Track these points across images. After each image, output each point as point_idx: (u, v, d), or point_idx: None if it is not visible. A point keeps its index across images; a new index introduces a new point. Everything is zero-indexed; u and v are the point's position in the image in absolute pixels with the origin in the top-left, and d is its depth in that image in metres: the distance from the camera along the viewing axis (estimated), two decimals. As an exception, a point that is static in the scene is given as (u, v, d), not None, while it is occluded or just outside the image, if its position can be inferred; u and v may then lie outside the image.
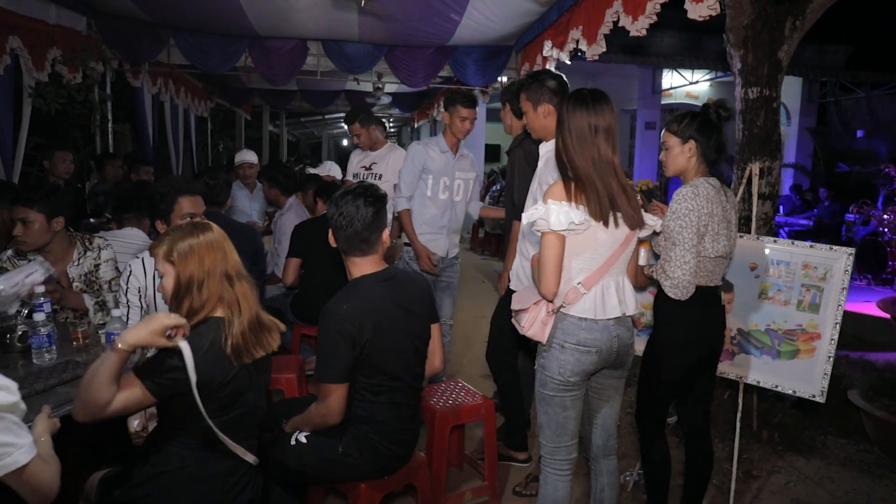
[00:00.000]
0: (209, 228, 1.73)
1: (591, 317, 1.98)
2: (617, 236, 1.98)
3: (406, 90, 8.73)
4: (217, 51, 5.45)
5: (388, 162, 4.38)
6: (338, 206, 1.96)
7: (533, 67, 5.56)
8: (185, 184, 2.61)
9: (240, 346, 1.65)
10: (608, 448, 2.22)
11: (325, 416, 1.96)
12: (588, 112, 1.97)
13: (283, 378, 2.85)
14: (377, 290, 1.98)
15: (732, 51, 3.95)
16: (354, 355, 1.89)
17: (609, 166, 1.96)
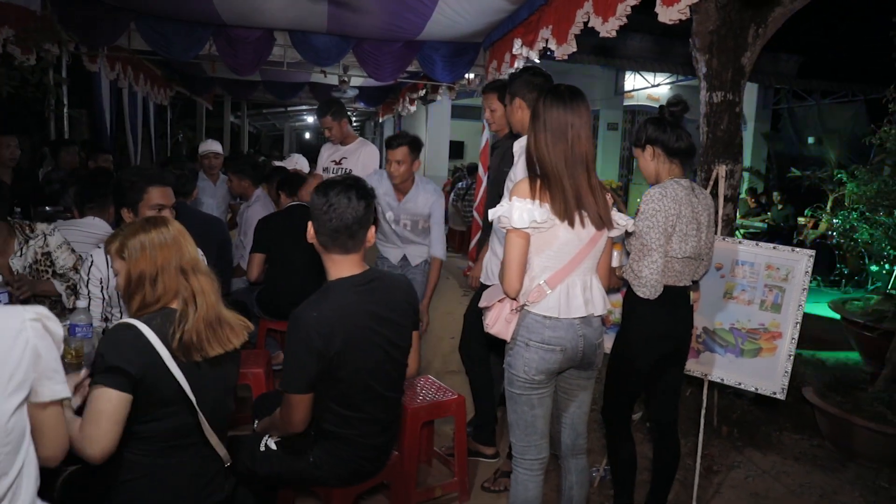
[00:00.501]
0: (164, 223, 1.70)
1: (554, 315, 1.97)
2: (582, 236, 1.96)
3: (372, 84, 8.64)
4: (180, 38, 5.28)
5: (359, 158, 4.33)
6: (326, 196, 1.82)
7: (501, 65, 5.58)
8: (156, 173, 2.54)
9: (190, 342, 1.59)
10: (577, 447, 2.23)
11: (288, 424, 1.88)
12: (565, 108, 1.95)
13: (251, 373, 2.80)
14: (353, 297, 1.86)
15: (698, 55, 4.04)
16: (321, 367, 1.79)
17: (582, 164, 1.95)
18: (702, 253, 2.42)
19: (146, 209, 2.38)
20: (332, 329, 1.78)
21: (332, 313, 1.80)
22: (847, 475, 3.16)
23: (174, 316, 1.60)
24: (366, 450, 1.96)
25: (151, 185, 2.41)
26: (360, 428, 1.93)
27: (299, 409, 1.84)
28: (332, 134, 4.25)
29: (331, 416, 1.90)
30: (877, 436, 3.20)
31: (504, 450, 3.11)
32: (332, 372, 1.81)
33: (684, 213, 2.33)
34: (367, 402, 1.92)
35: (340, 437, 1.92)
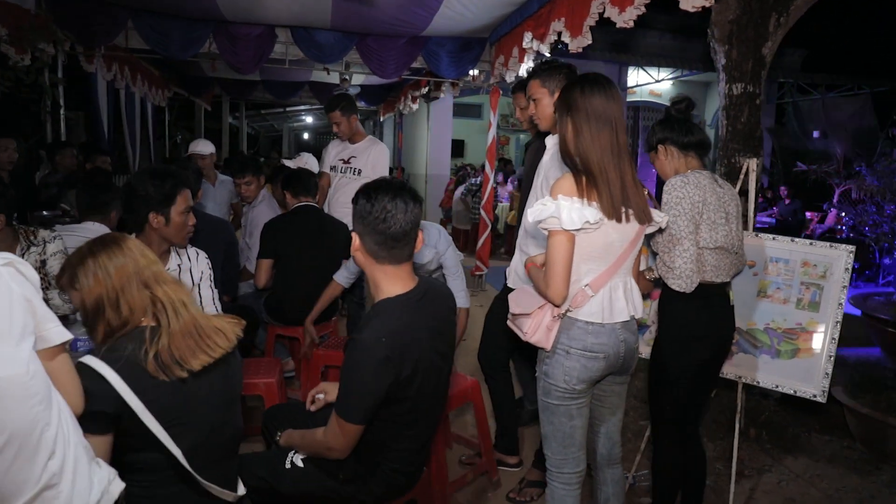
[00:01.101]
0: (114, 241, 1.55)
1: (598, 321, 1.86)
2: (627, 233, 1.87)
3: (374, 82, 8.52)
4: (179, 35, 5.15)
5: (369, 157, 4.20)
6: (375, 200, 1.64)
7: (508, 60, 5.46)
8: (183, 175, 2.41)
9: (169, 359, 1.45)
10: (613, 457, 2.12)
11: (332, 450, 1.72)
12: (606, 97, 1.84)
13: (262, 383, 2.66)
14: (415, 315, 1.70)
15: (717, 46, 3.92)
16: (388, 394, 1.64)
17: (621, 156, 1.84)
18: (734, 244, 2.31)
19: (177, 214, 2.28)
20: (403, 353, 1.63)
21: (400, 336, 1.63)
22: (883, 478, 3.04)
23: (145, 334, 1.47)
24: (404, 464, 1.83)
25: (183, 187, 2.30)
26: (408, 442, 1.80)
27: (351, 439, 1.68)
28: (341, 130, 4.12)
29: (380, 431, 1.75)
30: (912, 437, 3.09)
31: (528, 457, 2.99)
32: (397, 394, 1.66)
33: (710, 201, 2.22)
34: (420, 420, 1.79)
35: (384, 449, 1.78)
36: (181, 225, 2.29)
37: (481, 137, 16.67)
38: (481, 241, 6.79)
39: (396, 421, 1.73)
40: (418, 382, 1.70)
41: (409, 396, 1.70)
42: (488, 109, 17.44)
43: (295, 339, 3.52)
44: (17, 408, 1.14)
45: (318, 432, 1.77)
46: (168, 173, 2.31)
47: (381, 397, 1.63)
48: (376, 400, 1.63)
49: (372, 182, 1.75)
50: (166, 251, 2.40)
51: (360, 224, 1.68)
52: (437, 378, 1.81)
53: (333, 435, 1.70)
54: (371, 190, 1.68)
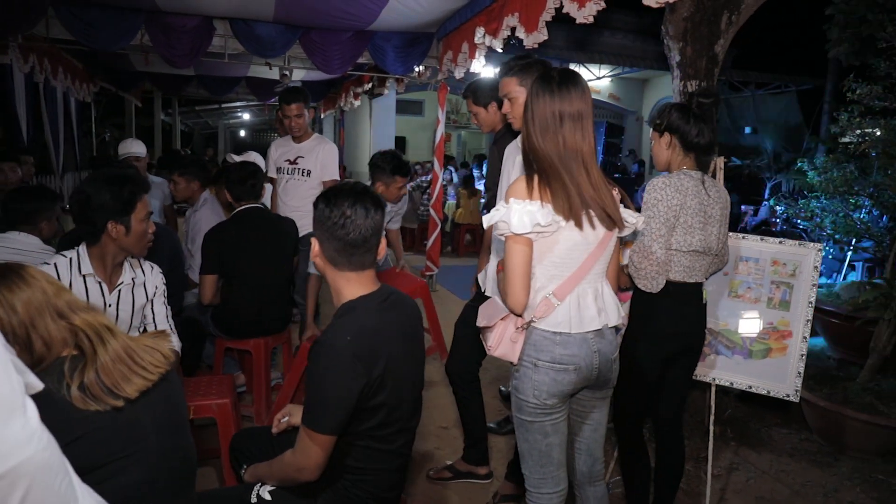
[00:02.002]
0: (12, 271, 1.37)
1: (566, 330, 1.73)
2: (590, 238, 1.74)
3: (315, 78, 8.25)
4: (108, 26, 4.76)
5: (317, 157, 3.97)
6: (339, 207, 1.56)
7: (457, 56, 5.34)
8: (142, 179, 2.21)
9: (99, 388, 1.29)
10: (594, 474, 2.00)
11: (303, 470, 1.57)
12: (552, 97, 1.72)
13: (215, 404, 2.42)
14: (382, 315, 1.62)
15: (671, 43, 3.92)
16: (360, 398, 1.52)
17: (577, 157, 1.71)
18: (711, 247, 2.28)
19: (138, 222, 2.09)
20: (373, 351, 1.54)
21: (367, 334, 1.55)
22: (843, 470, 3.09)
23: (65, 366, 1.29)
24: (382, 489, 1.69)
25: (142, 192, 2.10)
26: (386, 462, 1.66)
27: (322, 453, 1.54)
28: (297, 124, 3.88)
29: (357, 451, 1.61)
30: (868, 427, 3.16)
31: (499, 470, 2.89)
32: (369, 400, 1.55)
33: (689, 205, 2.19)
34: (399, 432, 1.66)
35: (361, 473, 1.64)
36: (142, 234, 2.13)
37: (423, 134, 16.64)
38: (431, 241, 6.66)
39: (372, 436, 1.60)
40: (391, 387, 1.58)
41: (384, 404, 1.57)
42: (429, 106, 17.40)
43: (246, 351, 3.29)
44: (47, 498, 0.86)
45: (285, 455, 1.63)
46: (126, 178, 2.10)
47: (352, 403, 1.51)
48: (348, 406, 1.51)
49: (333, 187, 1.64)
50: (119, 264, 2.21)
51: (320, 230, 1.60)
52: (412, 387, 1.70)
53: (303, 451, 1.56)
54: (331, 195, 1.59)
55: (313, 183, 3.96)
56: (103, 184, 2.04)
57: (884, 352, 3.35)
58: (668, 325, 2.25)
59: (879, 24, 4.65)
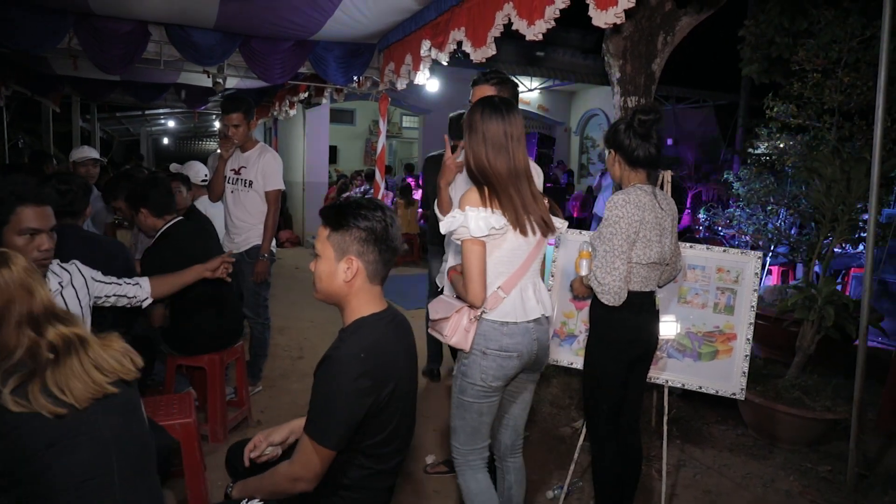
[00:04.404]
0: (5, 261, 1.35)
1: (512, 320, 2.01)
2: (531, 241, 2.04)
3: (248, 85, 8.05)
4: (33, 27, 4.48)
5: (260, 167, 3.87)
6: (374, 216, 1.61)
7: (400, 67, 5.37)
8: (30, 189, 1.99)
9: (40, 394, 1.24)
10: (515, 447, 2.29)
11: (299, 481, 1.57)
12: (503, 120, 1.99)
13: (178, 424, 2.34)
14: (390, 332, 1.65)
15: (612, 61, 4.11)
16: (368, 414, 1.54)
17: (523, 174, 2.02)
18: (666, 258, 2.42)
19: (13, 234, 1.91)
20: (384, 369, 1.57)
21: (378, 352, 1.58)
22: (777, 461, 3.33)
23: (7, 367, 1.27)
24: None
25: (23, 203, 1.91)
26: (379, 481, 1.67)
27: (322, 466, 1.56)
28: (237, 134, 3.78)
29: (353, 469, 1.62)
30: (797, 420, 3.41)
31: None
32: (375, 417, 1.57)
33: (648, 219, 2.31)
34: (397, 451, 1.69)
35: (356, 492, 1.64)
36: (21, 250, 1.87)
37: (354, 143, 16.55)
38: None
39: (371, 455, 1.62)
40: (395, 407, 1.62)
41: (389, 421, 1.61)
42: (360, 115, 17.25)
43: (199, 368, 3.19)
44: None
45: (280, 467, 1.63)
46: (9, 185, 1.95)
47: (358, 418, 1.54)
48: (354, 421, 1.54)
49: (350, 202, 1.67)
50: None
51: (367, 244, 1.62)
52: (412, 407, 1.74)
53: (303, 462, 1.57)
54: (362, 208, 1.63)
55: (256, 194, 3.87)
56: None
57: (808, 350, 3.62)
58: (627, 332, 2.37)
59: (787, 46, 5.04)
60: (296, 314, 5.92)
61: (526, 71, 10.40)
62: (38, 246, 1.94)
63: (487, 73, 2.60)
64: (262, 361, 4.01)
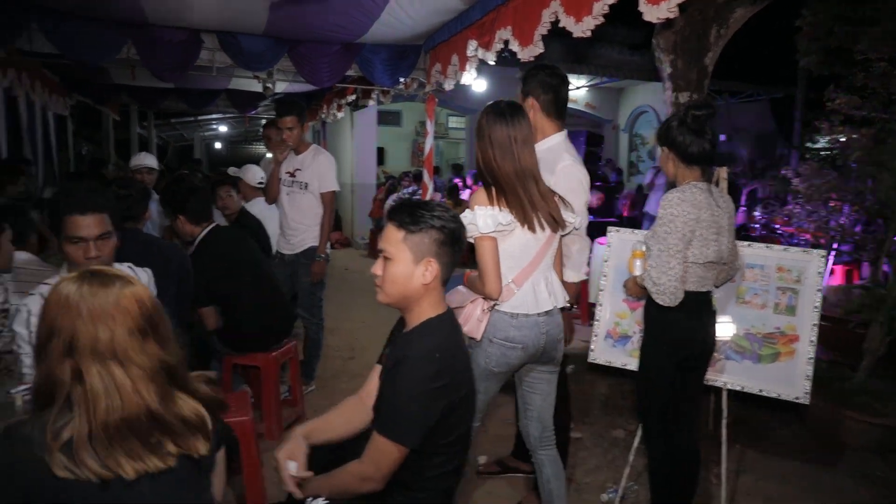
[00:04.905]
0: (102, 281, 1.20)
1: (522, 312, 2.12)
2: (540, 237, 2.13)
3: (297, 90, 8.20)
4: (94, 39, 4.66)
5: (314, 169, 3.96)
6: (451, 218, 1.64)
7: (447, 68, 5.38)
8: (77, 198, 1.99)
9: (89, 454, 1.10)
10: (545, 439, 2.33)
11: (369, 480, 1.57)
12: (507, 125, 2.11)
13: (236, 422, 2.39)
14: (455, 336, 1.68)
15: (662, 56, 4.02)
16: (442, 414, 1.55)
17: (529, 175, 2.11)
18: (723, 257, 2.34)
19: (66, 243, 1.97)
20: (456, 370, 1.60)
21: (450, 353, 1.60)
22: (844, 469, 3.18)
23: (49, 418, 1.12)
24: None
25: (69, 213, 1.95)
26: (444, 482, 1.67)
27: (393, 465, 1.56)
28: (290, 137, 3.87)
29: (421, 469, 1.62)
30: (866, 426, 3.26)
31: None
32: (446, 422, 1.57)
33: (704, 218, 2.25)
34: (461, 452, 1.69)
35: (422, 493, 1.64)
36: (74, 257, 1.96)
37: (401, 144, 16.65)
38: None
39: (444, 453, 1.63)
40: (464, 409, 1.63)
41: (458, 423, 1.62)
42: (407, 116, 17.36)
43: (254, 367, 3.26)
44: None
45: (348, 466, 1.63)
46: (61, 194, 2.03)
47: (434, 418, 1.54)
48: (430, 421, 1.54)
49: (421, 202, 1.68)
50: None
51: (444, 246, 1.63)
52: (474, 409, 1.75)
53: (374, 461, 1.57)
54: (436, 209, 1.65)
55: (311, 196, 3.94)
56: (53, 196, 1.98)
57: (877, 353, 3.45)
58: (682, 333, 2.32)
59: (848, 35, 4.81)
60: (346, 315, 5.99)
61: (573, 69, 10.24)
62: (85, 253, 1.98)
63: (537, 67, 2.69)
64: (316, 361, 4.08)
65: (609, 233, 3.07)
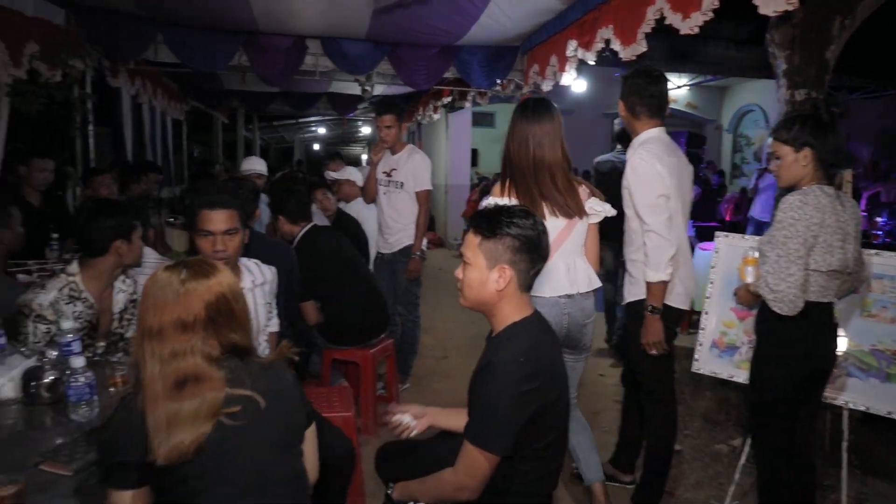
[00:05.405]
0: (182, 265, 1.37)
1: (539, 294, 2.22)
2: (556, 224, 2.25)
3: (394, 91, 8.40)
4: (210, 48, 4.99)
5: (410, 168, 4.04)
6: (526, 222, 1.62)
7: (544, 69, 5.31)
8: (208, 194, 2.14)
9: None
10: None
11: (463, 489, 1.57)
12: (528, 122, 2.30)
13: (340, 417, 2.47)
14: (544, 338, 1.65)
15: (777, 51, 3.78)
16: (531, 418, 1.53)
17: (545, 166, 2.28)
18: (848, 266, 2.18)
19: (197, 235, 2.11)
20: (545, 373, 1.56)
21: (538, 356, 1.57)
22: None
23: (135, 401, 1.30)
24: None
25: (200, 207, 2.09)
26: (543, 487, 1.66)
27: (486, 474, 1.55)
28: (389, 135, 3.98)
29: (518, 475, 1.60)
30: None
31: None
32: (539, 422, 1.55)
33: (828, 223, 2.09)
34: (557, 454, 1.67)
35: (522, 498, 1.63)
36: (203, 250, 2.10)
37: (493, 146, 16.63)
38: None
39: (538, 458, 1.61)
40: (558, 412, 1.60)
41: (553, 427, 1.59)
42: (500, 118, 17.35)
43: (352, 363, 3.36)
44: None
45: (443, 474, 1.63)
46: (194, 191, 2.24)
47: (522, 423, 1.52)
48: (518, 426, 1.52)
49: (502, 208, 1.67)
50: (235, 266, 2.25)
51: (520, 252, 1.61)
52: (568, 413, 1.71)
53: (467, 470, 1.56)
54: (514, 216, 1.62)
55: (407, 195, 4.02)
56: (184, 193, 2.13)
57: None
58: (801, 346, 2.18)
59: None
60: (439, 314, 6.05)
61: (674, 67, 9.86)
62: (212, 245, 2.11)
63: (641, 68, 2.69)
64: (412, 359, 4.16)
65: (717, 238, 2.92)
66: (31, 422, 1.71)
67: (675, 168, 2.47)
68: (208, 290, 1.32)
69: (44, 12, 4.34)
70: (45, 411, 1.76)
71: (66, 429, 1.66)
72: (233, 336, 1.34)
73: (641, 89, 2.54)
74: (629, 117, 2.61)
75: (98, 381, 1.81)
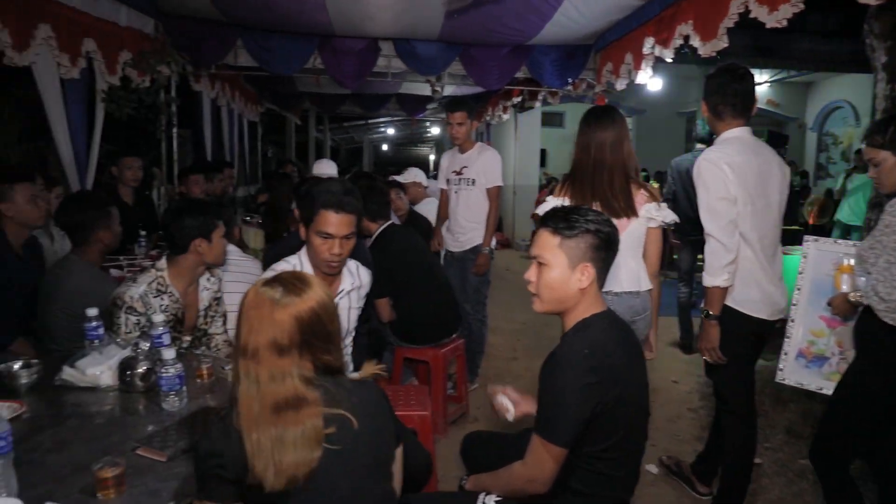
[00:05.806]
0: (276, 282, 1.34)
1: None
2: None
3: (464, 92, 8.42)
4: (287, 52, 5.16)
5: (481, 165, 4.05)
6: (602, 221, 1.64)
7: (618, 67, 5.20)
8: (335, 196, 2.12)
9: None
10: None
11: (533, 481, 1.58)
12: (590, 128, 2.43)
13: (417, 416, 2.49)
14: (613, 334, 1.63)
15: (876, 43, 3.57)
16: (594, 413, 1.52)
17: (601, 168, 2.37)
18: None
19: (313, 233, 2.14)
20: (610, 369, 1.54)
21: (604, 350, 1.55)
22: None
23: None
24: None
25: (325, 207, 2.10)
26: (609, 488, 1.63)
27: (554, 465, 1.55)
28: (459, 132, 4.02)
29: (582, 472, 1.59)
30: None
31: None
32: (601, 419, 1.54)
33: None
34: (629, 456, 1.64)
35: (588, 499, 1.61)
36: (318, 250, 2.16)
37: (562, 146, 16.42)
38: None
39: (600, 458, 1.58)
40: (623, 413, 1.55)
41: (615, 429, 1.55)
42: (570, 118, 17.09)
43: (423, 361, 3.39)
44: None
45: (513, 467, 1.64)
46: (321, 189, 2.17)
47: (586, 416, 1.51)
48: (582, 418, 1.51)
49: (573, 208, 1.68)
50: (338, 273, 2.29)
51: (600, 250, 1.62)
52: (643, 413, 1.66)
53: (535, 462, 1.57)
54: (589, 213, 1.64)
55: (479, 192, 4.03)
56: (310, 184, 2.29)
57: None
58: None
59: None
60: (507, 315, 6.02)
61: (756, 63, 9.43)
62: (329, 248, 2.13)
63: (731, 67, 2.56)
64: (480, 358, 4.16)
65: (805, 242, 2.78)
66: (127, 409, 1.81)
67: (757, 168, 2.35)
68: (302, 310, 1.31)
69: (135, 22, 4.59)
70: (139, 399, 1.86)
71: (158, 417, 1.74)
72: (326, 357, 1.35)
73: (724, 88, 2.43)
74: (712, 117, 2.51)
75: (186, 373, 1.89)
